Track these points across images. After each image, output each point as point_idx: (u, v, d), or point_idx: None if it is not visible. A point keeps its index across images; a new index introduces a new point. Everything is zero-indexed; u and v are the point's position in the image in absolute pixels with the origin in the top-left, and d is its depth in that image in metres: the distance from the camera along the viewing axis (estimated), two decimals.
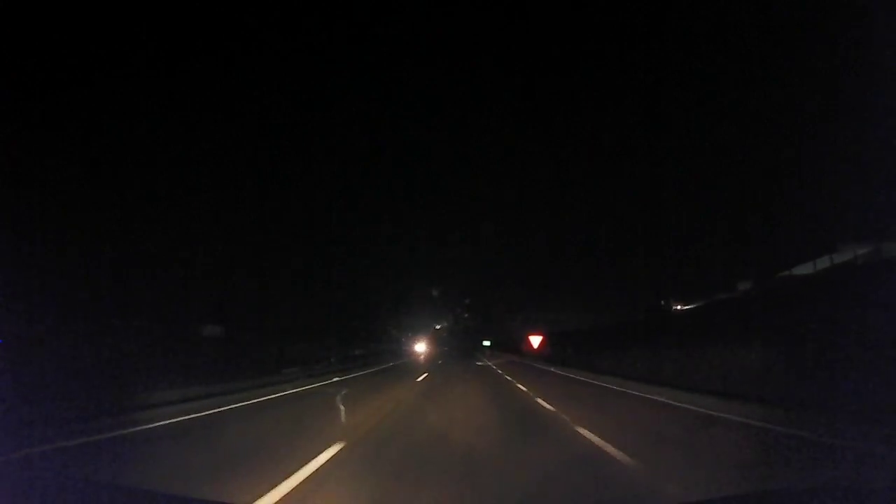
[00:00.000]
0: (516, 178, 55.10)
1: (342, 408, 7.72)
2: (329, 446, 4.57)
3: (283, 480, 3.45)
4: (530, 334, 28.63)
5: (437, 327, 74.55)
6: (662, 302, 23.97)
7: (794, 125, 15.21)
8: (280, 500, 3.13)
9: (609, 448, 4.39)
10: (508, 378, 14.38)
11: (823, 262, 15.64)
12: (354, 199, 48.35)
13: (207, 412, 7.24)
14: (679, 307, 22.50)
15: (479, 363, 26.20)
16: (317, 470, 3.82)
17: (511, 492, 3.35)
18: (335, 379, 14.60)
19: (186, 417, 6.74)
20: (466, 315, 75.55)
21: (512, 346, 43.18)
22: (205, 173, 23.02)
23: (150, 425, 6.01)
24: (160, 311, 16.49)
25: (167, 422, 6.35)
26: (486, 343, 59.11)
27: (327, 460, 4.14)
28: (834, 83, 12.79)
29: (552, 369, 18.71)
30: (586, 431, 5.18)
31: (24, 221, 12.57)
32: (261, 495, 3.13)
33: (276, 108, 36.84)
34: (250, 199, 27.74)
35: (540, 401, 8.35)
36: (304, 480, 3.53)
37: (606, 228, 31.43)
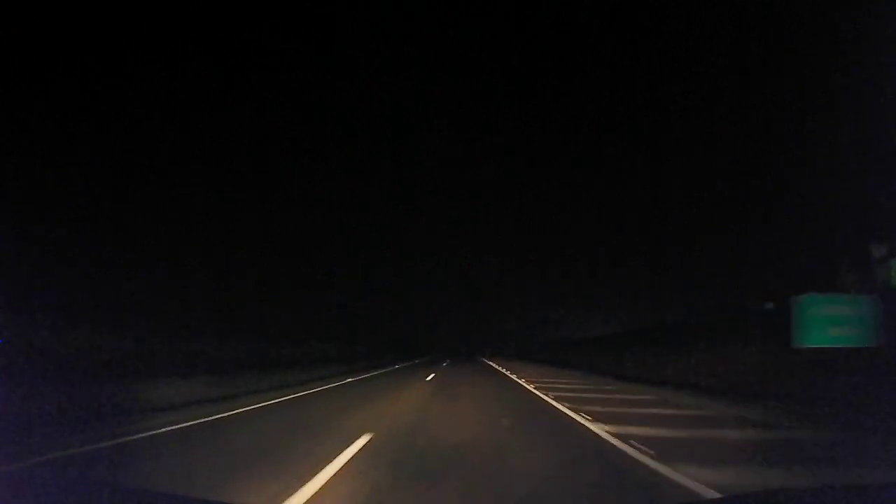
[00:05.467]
0: (521, 179, 54.92)
1: None
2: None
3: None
4: None
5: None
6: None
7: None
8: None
9: None
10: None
11: None
12: (357, 204, 48.25)
13: None
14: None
15: None
16: None
17: None
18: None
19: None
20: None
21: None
22: (206, 175, 23.03)
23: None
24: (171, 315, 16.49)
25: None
26: None
27: None
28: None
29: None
30: None
31: (24, 221, 12.58)
32: None
33: (278, 111, 36.83)
34: (252, 201, 27.76)
35: None
36: None
37: (617, 233, 31.10)
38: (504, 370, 20.42)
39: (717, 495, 3.20)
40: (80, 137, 15.96)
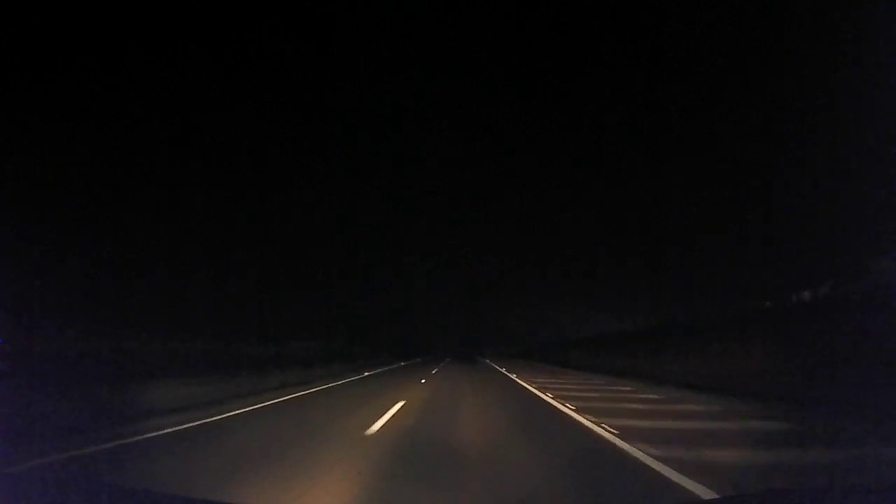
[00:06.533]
0: (521, 179, 54.87)
1: None
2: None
3: None
4: None
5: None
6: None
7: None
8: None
9: None
10: None
11: None
12: (357, 204, 48.19)
13: None
14: None
15: None
16: None
17: None
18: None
19: None
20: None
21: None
22: (206, 175, 23.03)
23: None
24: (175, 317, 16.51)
25: None
26: None
27: None
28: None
29: None
30: None
31: (24, 221, 12.59)
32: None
33: (278, 111, 36.79)
34: (252, 201, 27.77)
35: None
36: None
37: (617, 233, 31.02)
38: (518, 379, 18.02)
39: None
40: (80, 137, 15.96)
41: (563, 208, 42.19)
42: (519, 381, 13.58)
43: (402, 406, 7.76)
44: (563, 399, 8.63)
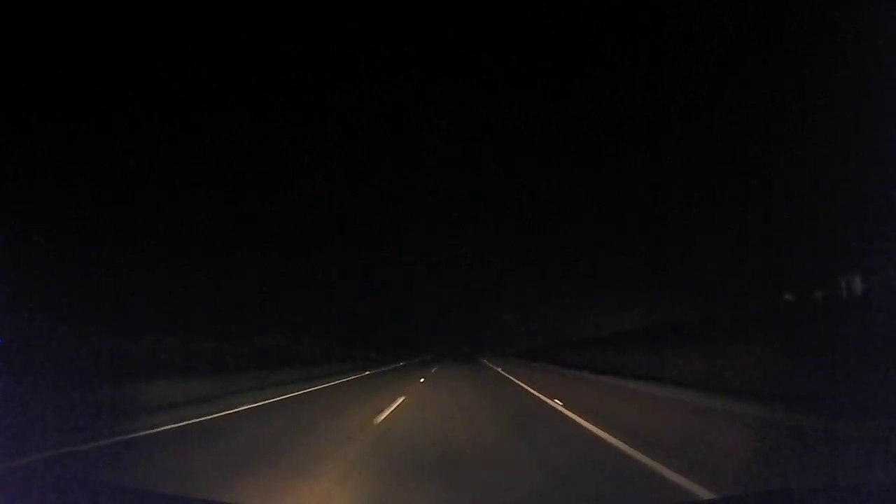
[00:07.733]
0: (521, 179, 54.88)
1: None
2: None
3: None
4: None
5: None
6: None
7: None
8: None
9: None
10: None
11: None
12: (357, 204, 48.25)
13: None
14: None
15: None
16: None
17: None
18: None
19: None
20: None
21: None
22: (206, 175, 23.06)
23: None
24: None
25: None
26: None
27: None
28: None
29: None
30: None
31: (24, 222, 12.60)
32: None
33: (278, 111, 36.82)
34: (252, 201, 27.81)
35: None
36: None
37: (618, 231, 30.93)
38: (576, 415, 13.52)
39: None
40: (81, 137, 15.97)
41: (563, 208, 42.19)
42: (584, 424, 5.72)
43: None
44: None
